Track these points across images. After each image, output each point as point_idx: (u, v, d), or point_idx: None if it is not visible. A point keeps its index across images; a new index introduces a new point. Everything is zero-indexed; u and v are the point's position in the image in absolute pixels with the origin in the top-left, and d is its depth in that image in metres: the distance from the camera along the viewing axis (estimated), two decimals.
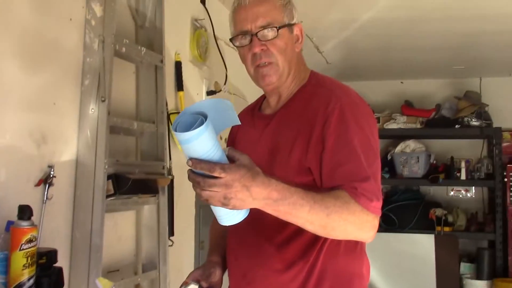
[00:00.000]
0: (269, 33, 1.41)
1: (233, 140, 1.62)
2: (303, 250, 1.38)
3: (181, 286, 1.44)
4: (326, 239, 1.37)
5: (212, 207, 1.18)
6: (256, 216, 1.24)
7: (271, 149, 1.43)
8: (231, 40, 1.48)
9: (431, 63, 4.41)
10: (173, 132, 1.11)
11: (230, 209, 1.14)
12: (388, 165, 4.75)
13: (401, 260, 4.47)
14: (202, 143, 1.08)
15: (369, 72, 4.81)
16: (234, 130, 1.65)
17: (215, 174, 1.09)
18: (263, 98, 1.61)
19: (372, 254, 1.52)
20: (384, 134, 4.65)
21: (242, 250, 1.49)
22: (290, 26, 1.45)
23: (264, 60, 1.43)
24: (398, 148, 4.75)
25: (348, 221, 1.26)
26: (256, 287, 1.43)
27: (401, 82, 5.08)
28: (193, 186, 1.13)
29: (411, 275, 4.42)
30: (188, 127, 1.08)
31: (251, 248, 1.46)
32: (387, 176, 4.68)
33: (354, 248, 1.43)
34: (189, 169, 1.12)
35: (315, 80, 1.50)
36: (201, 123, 1.07)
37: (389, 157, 4.79)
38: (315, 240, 1.37)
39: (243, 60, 1.49)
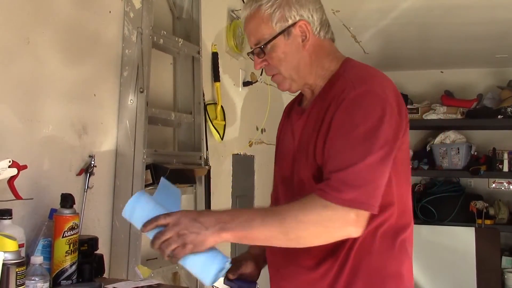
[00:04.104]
0: (260, 52, 1.38)
1: (279, 136, 1.57)
2: (331, 246, 1.30)
3: None
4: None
5: (188, 268, 1.23)
6: None
7: (298, 146, 1.39)
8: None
9: (473, 52, 4.28)
10: (124, 216, 1.24)
11: (191, 248, 1.17)
12: (427, 157, 4.66)
13: (441, 253, 4.39)
14: (144, 206, 1.22)
15: (408, 61, 4.71)
16: (280, 125, 1.60)
17: (161, 222, 1.18)
18: None
19: None
20: (423, 124, 4.56)
21: (276, 246, 1.48)
22: (284, 31, 1.35)
23: (269, 73, 1.43)
24: (438, 139, 4.64)
25: (310, 223, 1.17)
26: (288, 283, 1.40)
27: (441, 72, 4.96)
28: (159, 250, 1.19)
29: (450, 268, 4.33)
30: None
31: None
32: (425, 167, 4.59)
33: (391, 246, 1.33)
34: (150, 242, 1.20)
35: (343, 69, 1.38)
36: None
37: (428, 148, 4.70)
38: None
39: None
